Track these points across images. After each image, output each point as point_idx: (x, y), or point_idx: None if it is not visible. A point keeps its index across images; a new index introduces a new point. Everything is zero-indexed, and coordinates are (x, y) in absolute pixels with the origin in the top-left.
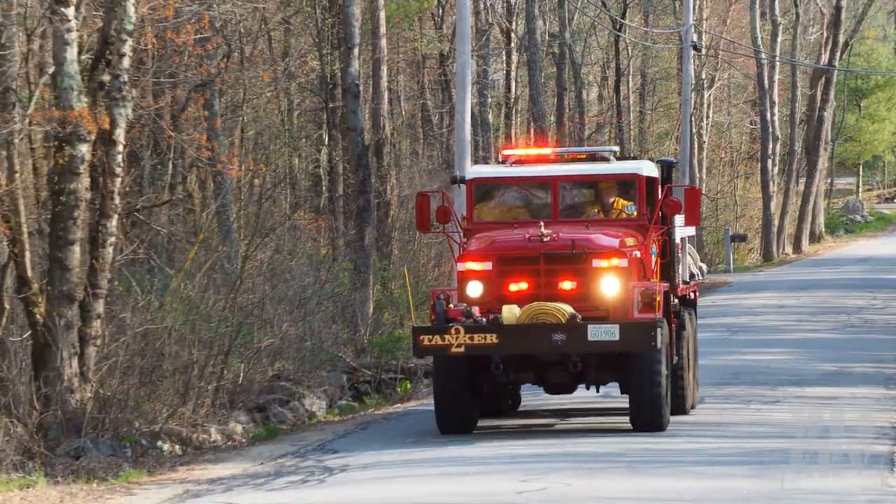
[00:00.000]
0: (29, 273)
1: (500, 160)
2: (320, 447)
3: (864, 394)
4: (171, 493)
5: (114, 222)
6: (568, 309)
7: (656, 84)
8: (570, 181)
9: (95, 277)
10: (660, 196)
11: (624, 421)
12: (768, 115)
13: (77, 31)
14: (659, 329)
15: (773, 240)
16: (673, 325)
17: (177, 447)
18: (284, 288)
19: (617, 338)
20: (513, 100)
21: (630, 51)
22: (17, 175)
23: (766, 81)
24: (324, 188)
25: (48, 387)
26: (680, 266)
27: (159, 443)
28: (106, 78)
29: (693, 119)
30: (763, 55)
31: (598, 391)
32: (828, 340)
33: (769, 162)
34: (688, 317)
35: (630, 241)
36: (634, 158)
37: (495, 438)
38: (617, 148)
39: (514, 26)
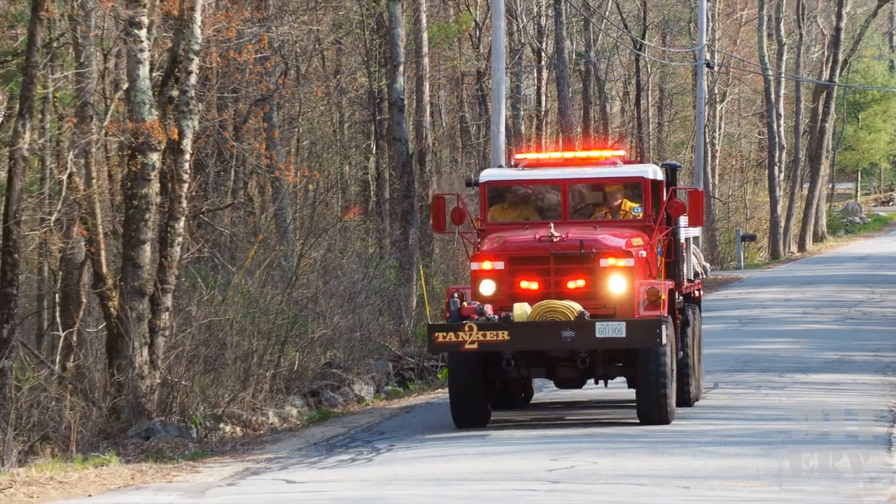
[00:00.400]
0: (104, 270)
1: (513, 164)
2: (368, 429)
3: (864, 380)
4: (233, 470)
5: (181, 224)
6: (576, 307)
7: (673, 98)
8: (579, 184)
9: (164, 274)
10: (665, 198)
11: (634, 411)
12: (775, 126)
13: (149, 51)
14: (664, 326)
15: (780, 239)
16: (678, 322)
17: (238, 429)
18: (336, 283)
19: (623, 335)
20: (543, 112)
21: (649, 68)
22: (94, 181)
23: (772, 96)
24: (371, 193)
25: (121, 374)
26: (685, 265)
27: (221, 425)
28: (175, 93)
29: (706, 130)
30: (770, 72)
31: (605, 385)
32: (830, 331)
33: (776, 169)
34: (692, 313)
35: (636, 241)
36: (640, 162)
37: (521, 425)
38: (624, 152)
39: (544, 46)
